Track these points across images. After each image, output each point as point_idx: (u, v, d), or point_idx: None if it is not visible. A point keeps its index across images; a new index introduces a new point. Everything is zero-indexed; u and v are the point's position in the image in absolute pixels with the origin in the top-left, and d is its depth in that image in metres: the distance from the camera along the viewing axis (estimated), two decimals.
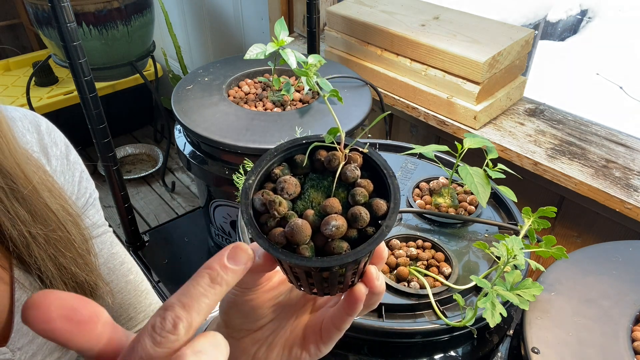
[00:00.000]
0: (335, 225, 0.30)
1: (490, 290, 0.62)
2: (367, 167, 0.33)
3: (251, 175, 0.32)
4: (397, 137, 1.45)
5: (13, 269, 0.47)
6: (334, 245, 0.30)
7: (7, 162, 0.41)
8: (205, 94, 1.18)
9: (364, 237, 0.30)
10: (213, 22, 2.11)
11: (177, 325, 0.24)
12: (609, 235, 1.07)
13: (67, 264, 0.47)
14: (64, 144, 0.56)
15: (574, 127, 1.15)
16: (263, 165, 0.33)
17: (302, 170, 0.33)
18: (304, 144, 0.34)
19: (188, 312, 0.25)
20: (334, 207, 0.31)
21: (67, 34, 1.05)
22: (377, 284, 0.33)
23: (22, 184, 0.42)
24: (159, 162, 2.45)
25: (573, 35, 3.27)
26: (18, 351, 0.47)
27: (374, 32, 1.29)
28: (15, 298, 0.47)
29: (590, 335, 0.64)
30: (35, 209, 0.44)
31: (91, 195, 0.59)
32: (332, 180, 0.32)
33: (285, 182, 0.31)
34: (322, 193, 0.33)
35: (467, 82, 1.14)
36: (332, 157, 0.32)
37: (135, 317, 0.64)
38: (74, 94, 2.33)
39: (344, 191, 0.32)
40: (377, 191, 0.32)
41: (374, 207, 0.31)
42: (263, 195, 0.31)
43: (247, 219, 0.31)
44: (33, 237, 0.43)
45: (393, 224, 0.30)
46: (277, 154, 0.33)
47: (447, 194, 0.84)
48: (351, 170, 0.32)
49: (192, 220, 1.74)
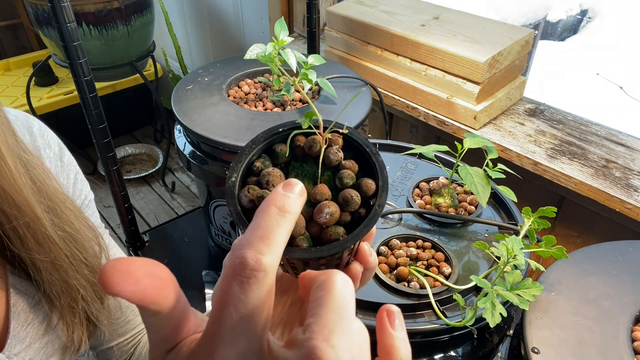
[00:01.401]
0: (329, 212, 0.29)
1: (490, 290, 0.62)
2: (348, 147, 0.33)
3: (233, 173, 0.31)
4: (397, 137, 1.45)
5: (8, 275, 0.46)
6: (330, 232, 0.30)
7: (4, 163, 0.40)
8: (205, 94, 1.18)
9: (358, 219, 0.30)
10: (213, 22, 2.11)
11: (261, 261, 0.22)
12: (609, 235, 1.07)
13: (78, 266, 0.47)
14: (57, 146, 0.55)
15: (574, 127, 1.16)
16: (243, 160, 0.32)
17: (283, 160, 0.33)
18: (280, 132, 0.33)
19: (268, 245, 0.23)
20: (324, 194, 0.30)
21: (67, 34, 1.05)
22: (370, 260, 0.33)
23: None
24: (159, 162, 2.45)
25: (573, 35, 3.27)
26: (15, 357, 0.46)
27: (374, 32, 1.29)
28: (11, 304, 0.46)
29: (590, 335, 0.64)
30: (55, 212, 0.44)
31: (86, 197, 0.58)
32: (316, 166, 0.32)
33: (269, 175, 0.31)
34: (308, 180, 0.32)
35: (467, 82, 1.14)
36: (313, 142, 0.32)
37: (134, 319, 0.64)
38: (74, 94, 2.33)
39: (329, 174, 0.32)
40: (363, 170, 0.32)
41: (363, 188, 0.30)
42: (249, 192, 0.30)
43: (237, 218, 0.30)
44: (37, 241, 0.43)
45: (385, 202, 0.30)
46: (255, 146, 0.32)
47: (447, 194, 0.84)
48: (334, 153, 0.31)
49: (192, 220, 1.74)
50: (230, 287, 0.22)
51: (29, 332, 0.47)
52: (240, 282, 0.22)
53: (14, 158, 0.40)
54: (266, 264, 0.22)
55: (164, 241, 1.63)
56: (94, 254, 0.50)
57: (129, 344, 0.63)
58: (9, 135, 0.41)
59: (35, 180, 0.44)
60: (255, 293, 0.22)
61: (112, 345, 0.63)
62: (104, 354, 0.63)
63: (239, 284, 0.22)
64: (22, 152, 0.43)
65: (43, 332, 0.48)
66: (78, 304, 0.48)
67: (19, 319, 0.47)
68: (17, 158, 0.41)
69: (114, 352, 0.63)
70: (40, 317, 0.48)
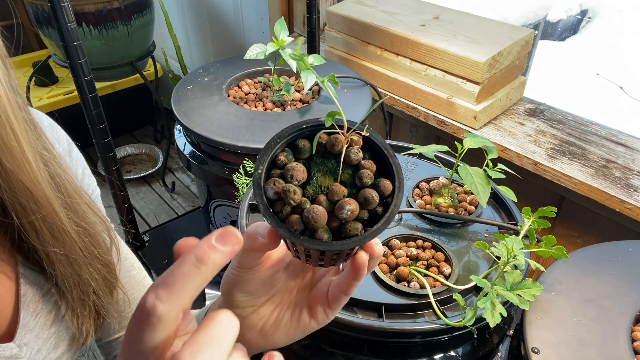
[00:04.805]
0: (350, 209, 0.32)
1: (490, 290, 0.62)
2: (366, 148, 0.35)
3: (259, 165, 0.33)
4: (397, 137, 1.45)
5: (19, 265, 0.47)
6: (349, 227, 0.32)
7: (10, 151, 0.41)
8: (205, 94, 1.18)
9: (374, 217, 0.33)
10: (213, 22, 2.11)
11: (155, 308, 0.23)
12: (609, 235, 1.07)
13: (92, 259, 0.48)
14: (66, 141, 0.56)
15: (574, 127, 1.16)
16: (269, 153, 0.34)
17: (305, 155, 0.35)
18: (304, 128, 0.35)
19: (169, 293, 0.24)
20: (339, 193, 0.33)
21: (67, 34, 1.05)
22: (376, 249, 0.35)
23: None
24: (159, 162, 2.45)
25: (573, 35, 3.27)
26: (25, 346, 0.47)
27: (374, 32, 1.29)
28: (21, 294, 0.47)
29: (590, 335, 0.64)
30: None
31: (93, 191, 0.59)
32: (337, 164, 0.34)
33: (293, 170, 0.33)
34: (329, 177, 0.34)
35: (467, 82, 1.14)
36: (335, 141, 0.33)
37: None
38: (74, 94, 2.33)
39: (349, 172, 0.34)
40: (380, 171, 0.34)
41: (381, 188, 0.33)
42: (275, 185, 0.32)
43: (264, 209, 0.32)
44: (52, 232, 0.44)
45: (400, 202, 0.32)
46: (280, 140, 0.34)
47: (447, 194, 0.84)
48: (355, 153, 0.33)
49: (192, 220, 1.74)
50: (131, 325, 0.24)
51: (38, 321, 0.48)
52: (139, 321, 0.23)
53: (34, 154, 0.41)
54: (161, 312, 0.23)
55: (164, 241, 1.63)
56: (107, 248, 0.51)
57: None
58: (31, 133, 0.42)
59: (54, 176, 0.45)
60: (149, 335, 0.23)
61: (117, 336, 0.64)
62: (108, 346, 0.64)
63: (138, 324, 0.23)
64: (43, 149, 0.45)
65: (51, 322, 0.49)
66: (89, 296, 0.49)
67: (28, 308, 0.47)
68: (37, 155, 0.42)
69: (119, 344, 0.64)
70: (49, 308, 0.49)
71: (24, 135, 0.40)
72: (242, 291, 0.40)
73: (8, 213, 0.41)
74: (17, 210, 0.41)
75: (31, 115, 0.44)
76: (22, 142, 0.39)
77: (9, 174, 0.39)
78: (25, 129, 0.40)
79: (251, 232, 0.36)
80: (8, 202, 0.40)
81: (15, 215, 0.41)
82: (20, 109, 0.40)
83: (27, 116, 0.42)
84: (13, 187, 0.39)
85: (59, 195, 0.44)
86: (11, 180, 0.39)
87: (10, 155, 0.38)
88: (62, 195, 0.45)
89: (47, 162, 0.44)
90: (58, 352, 0.51)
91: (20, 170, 0.39)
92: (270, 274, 0.40)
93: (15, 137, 0.38)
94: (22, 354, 0.46)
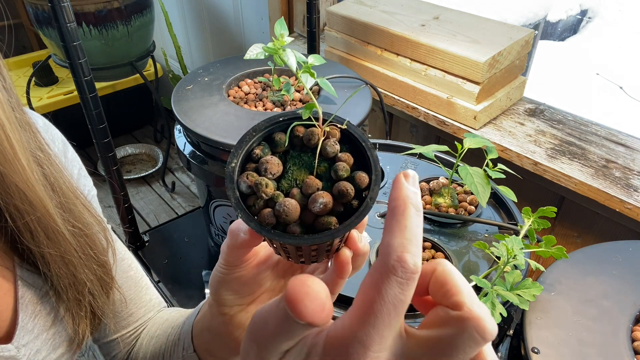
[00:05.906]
0: (323, 202, 0.30)
1: (490, 290, 0.62)
2: (345, 140, 0.34)
3: (233, 159, 0.32)
4: (397, 137, 1.45)
5: (16, 268, 0.47)
6: (322, 221, 0.31)
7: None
8: (205, 94, 1.18)
9: (350, 210, 0.31)
10: (213, 22, 2.11)
11: (417, 265, 0.23)
12: (609, 235, 1.07)
13: (87, 260, 0.48)
14: (61, 142, 0.56)
15: (574, 127, 1.16)
16: (243, 146, 0.33)
17: (281, 148, 0.34)
18: (281, 121, 0.34)
19: (418, 247, 0.24)
20: (313, 186, 0.32)
21: (67, 34, 1.05)
22: (360, 246, 0.34)
23: None
24: (159, 162, 2.45)
25: (573, 35, 3.27)
26: (23, 348, 0.47)
27: (374, 32, 1.29)
28: (19, 295, 0.47)
29: (590, 335, 0.64)
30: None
31: (89, 192, 0.59)
32: (313, 157, 0.33)
33: (267, 163, 0.32)
34: (305, 170, 0.33)
35: (467, 82, 1.14)
36: (311, 134, 0.33)
37: (136, 312, 0.65)
38: (74, 94, 2.33)
39: (326, 166, 0.33)
40: (357, 163, 0.33)
41: (357, 181, 0.31)
42: (248, 178, 0.31)
43: (235, 203, 0.31)
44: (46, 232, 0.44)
45: (376, 195, 0.31)
46: (255, 133, 0.34)
47: (447, 194, 0.84)
48: (331, 146, 0.32)
49: (192, 220, 1.74)
50: (390, 287, 0.23)
51: (37, 323, 0.48)
52: (400, 283, 0.23)
53: (27, 156, 0.41)
54: (420, 267, 0.24)
55: (164, 241, 1.63)
56: (103, 249, 0.51)
57: (131, 336, 0.64)
58: (25, 133, 0.42)
59: (48, 177, 0.45)
60: (411, 293, 0.23)
61: (115, 337, 0.64)
62: (107, 346, 0.65)
63: (399, 285, 0.23)
64: (37, 149, 0.45)
65: (50, 323, 0.49)
66: (85, 297, 0.49)
67: (26, 310, 0.47)
68: (31, 156, 0.42)
69: (117, 344, 0.64)
70: (48, 309, 0.49)
71: (16, 137, 0.40)
72: (229, 289, 0.40)
73: (2, 215, 0.41)
74: (11, 212, 0.41)
75: (25, 115, 0.43)
76: (15, 144, 0.39)
77: (2, 176, 0.39)
78: (19, 129, 0.40)
79: (233, 228, 0.36)
80: (2, 204, 0.40)
81: (9, 217, 0.41)
82: (13, 110, 0.40)
83: (21, 116, 0.42)
84: (6, 189, 0.39)
85: (53, 196, 0.44)
86: (4, 183, 0.39)
87: (3, 157, 0.38)
88: (57, 195, 0.45)
89: (41, 162, 0.44)
90: (58, 352, 0.51)
91: (13, 172, 0.39)
92: (257, 273, 0.40)
93: (7, 138, 0.38)
94: (20, 355, 0.46)
